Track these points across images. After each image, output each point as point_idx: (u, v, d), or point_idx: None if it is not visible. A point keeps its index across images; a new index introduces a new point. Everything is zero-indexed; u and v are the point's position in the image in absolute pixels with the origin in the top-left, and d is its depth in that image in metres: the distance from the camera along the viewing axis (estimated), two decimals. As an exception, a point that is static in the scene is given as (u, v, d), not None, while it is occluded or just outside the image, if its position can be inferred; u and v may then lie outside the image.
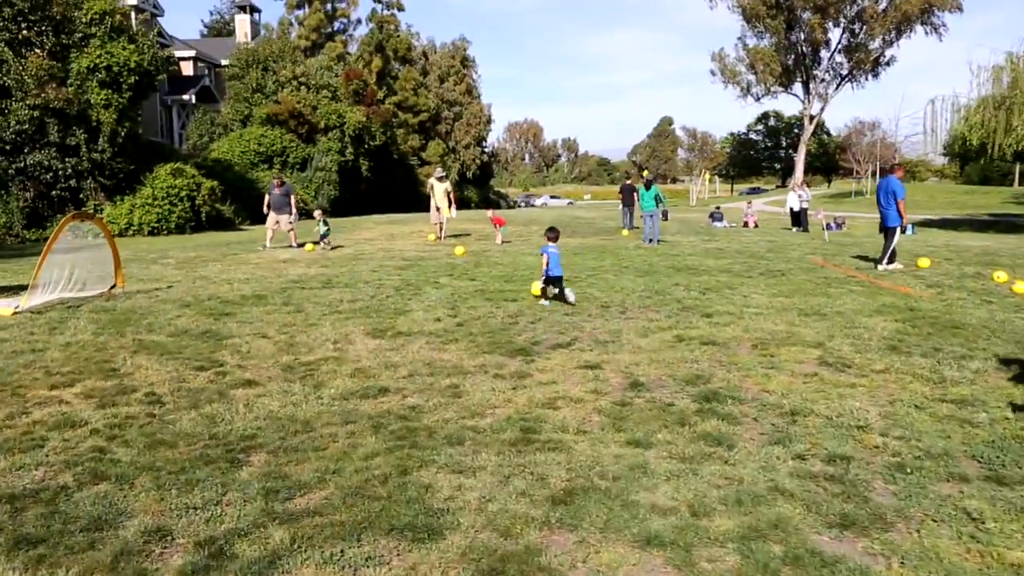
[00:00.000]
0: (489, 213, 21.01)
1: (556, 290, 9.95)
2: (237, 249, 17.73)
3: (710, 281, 12.01)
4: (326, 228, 17.74)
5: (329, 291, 10.85)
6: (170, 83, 39.79)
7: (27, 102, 19.19)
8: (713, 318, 8.86)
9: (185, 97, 39.28)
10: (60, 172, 20.53)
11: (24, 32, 19.37)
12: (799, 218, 28.21)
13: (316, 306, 9.62)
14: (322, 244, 17.45)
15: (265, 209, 18.13)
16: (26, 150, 20.08)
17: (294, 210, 18.02)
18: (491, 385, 6.11)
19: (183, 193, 22.01)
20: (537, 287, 10.19)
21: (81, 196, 21.17)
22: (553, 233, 10.49)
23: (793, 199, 28.61)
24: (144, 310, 9.38)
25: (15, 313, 9.15)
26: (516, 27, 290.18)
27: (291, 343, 7.55)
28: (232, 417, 5.28)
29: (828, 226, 29.32)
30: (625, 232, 22.72)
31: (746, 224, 30.03)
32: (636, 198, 26.33)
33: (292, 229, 18.06)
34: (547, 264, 9.87)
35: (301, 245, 17.70)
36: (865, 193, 70.01)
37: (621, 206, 26.65)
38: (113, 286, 10.59)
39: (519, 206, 68.88)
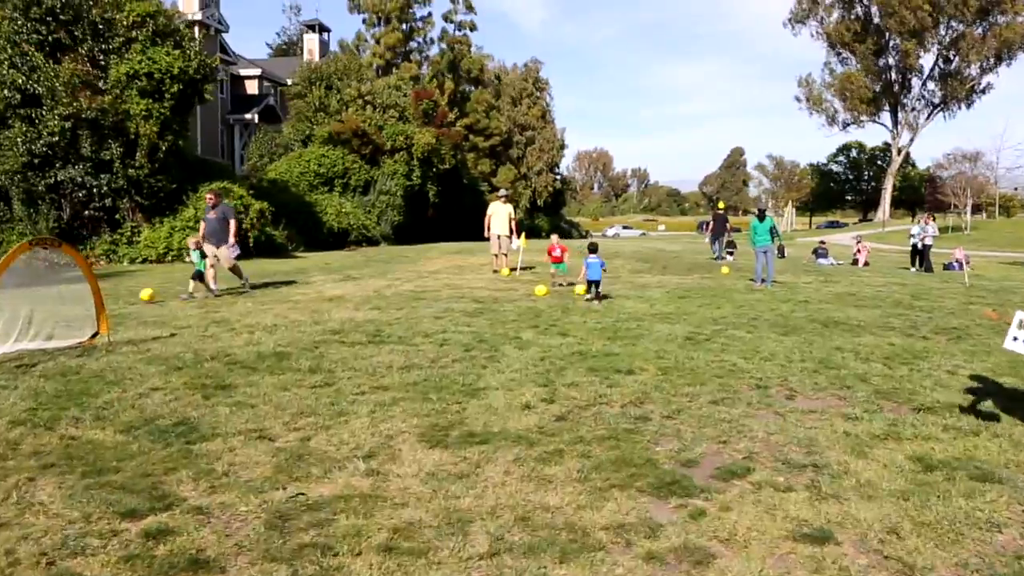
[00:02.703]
0: (554, 239, 15.46)
1: (595, 292, 12.39)
2: (280, 281, 15.28)
3: (881, 344, 8.89)
4: (198, 260, 12.93)
5: (376, 349, 8.10)
6: (233, 102, 38.43)
7: (57, 111, 17.22)
8: (942, 416, 5.77)
9: (248, 116, 37.76)
10: (95, 189, 18.45)
11: (56, 35, 17.50)
12: (921, 256, 24.59)
13: (354, 376, 6.86)
14: (191, 288, 12.73)
15: (200, 239, 13.30)
16: (57, 165, 18.10)
17: (232, 240, 13.04)
18: (650, 590, 3.18)
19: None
20: (542, 290, 13.23)
21: (117, 216, 19.07)
22: (593, 247, 12.85)
23: (915, 233, 25.01)
24: (116, 374, 6.76)
25: (-50, 373, 6.66)
26: (590, 57, 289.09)
27: (300, 454, 4.75)
28: None
29: (951, 265, 25.65)
30: (725, 269, 19.58)
31: (856, 261, 26.53)
32: (727, 229, 25.29)
33: (226, 263, 13.16)
34: (586, 271, 12.35)
35: (251, 287, 13.55)
36: (965, 228, 64.47)
37: (710, 237, 25.34)
38: (95, 334, 8.07)
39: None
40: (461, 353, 7.91)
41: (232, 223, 13.28)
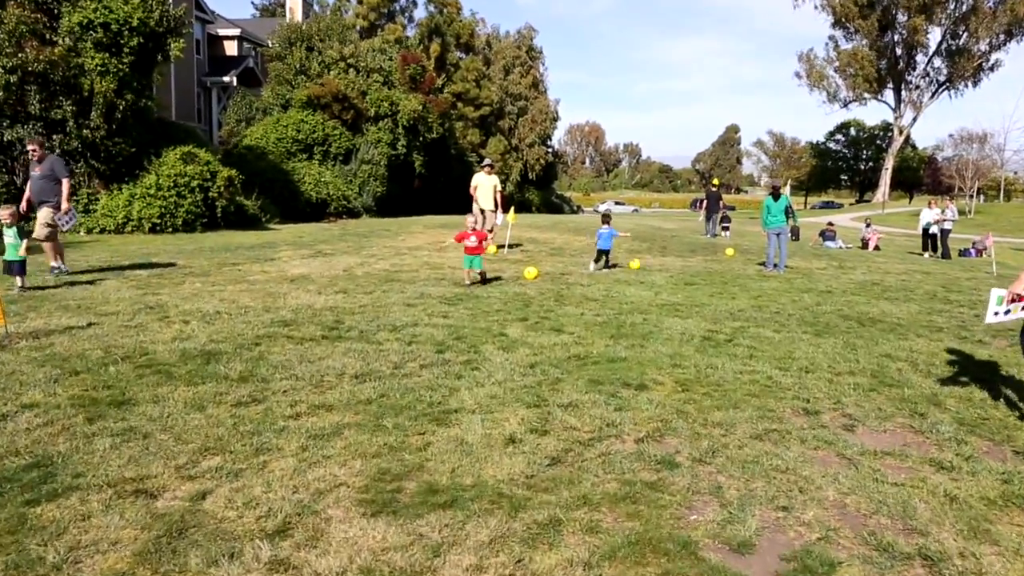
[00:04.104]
0: (470, 220, 11.64)
1: (603, 260, 13.08)
2: (244, 257, 13.73)
3: (937, 351, 7.55)
4: (13, 241, 9.21)
5: (329, 347, 6.63)
6: (210, 63, 36.47)
7: (0, 63, 15.38)
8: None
9: (226, 79, 35.76)
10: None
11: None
12: (935, 241, 23.23)
13: (293, 388, 5.40)
14: (18, 283, 9.25)
15: (24, 205, 10.59)
16: (5, 124, 16.27)
17: (64, 203, 10.40)
18: None
19: (194, 183, 18.00)
20: (532, 272, 11.48)
21: (73, 183, 17.28)
22: (606, 217, 13.60)
23: (929, 217, 23.59)
24: (-13, 383, 5.28)
25: None
26: (585, 30, 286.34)
27: (183, 526, 3.30)
28: None
29: (967, 252, 24.42)
30: (730, 251, 18.21)
31: (865, 245, 25.26)
32: (722, 207, 25.35)
33: (51, 239, 10.52)
34: (598, 241, 12.93)
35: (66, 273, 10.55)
36: (969, 212, 62.99)
37: (704, 214, 25.54)
38: (-14, 326, 6.56)
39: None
40: (432, 355, 6.45)
41: (65, 183, 10.43)
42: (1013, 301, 5.42)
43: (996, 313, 5.52)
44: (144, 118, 18.51)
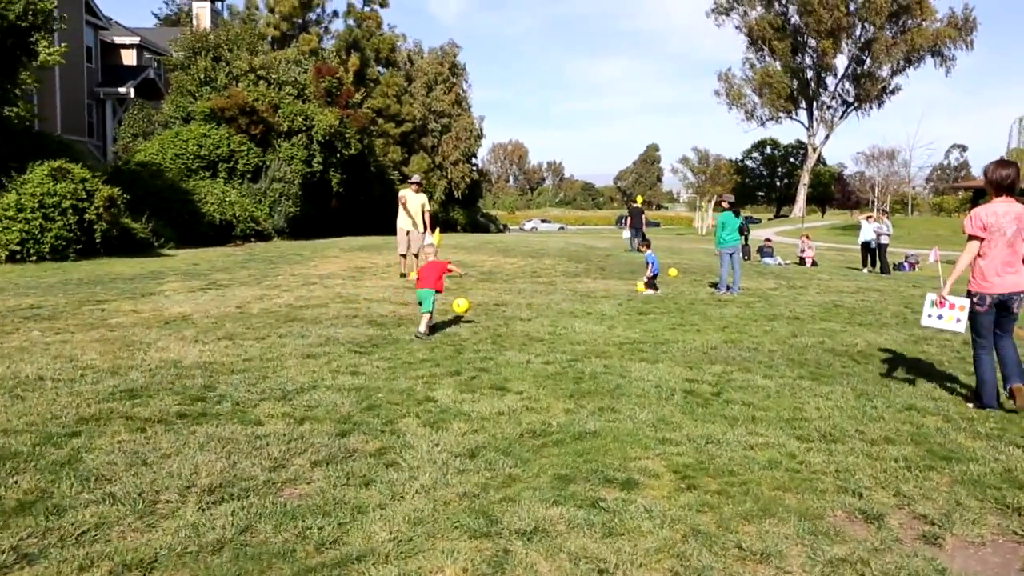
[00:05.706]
0: (430, 247, 9.19)
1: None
2: (116, 292, 11.46)
3: (954, 394, 6.18)
4: None
5: (185, 434, 4.67)
6: (105, 73, 33.48)
7: None
8: None
9: (122, 90, 32.82)
10: None
11: None
12: (874, 256, 22.50)
13: (102, 518, 3.44)
14: None
15: None
16: None
17: None
18: None
19: (66, 203, 15.45)
20: (463, 305, 9.12)
21: None
22: (647, 242, 15.97)
23: (867, 231, 22.84)
24: None
25: None
26: (507, 49, 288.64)
27: None
28: None
29: (900, 266, 23.99)
30: (673, 272, 16.83)
31: (803, 261, 24.51)
32: (644, 222, 26.03)
33: None
34: (650, 267, 13.61)
35: None
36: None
37: (628, 229, 26.63)
38: None
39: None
40: (331, 442, 4.58)
41: None
42: (941, 305, 5.99)
43: (930, 316, 6.13)
44: (4, 128, 15.94)
